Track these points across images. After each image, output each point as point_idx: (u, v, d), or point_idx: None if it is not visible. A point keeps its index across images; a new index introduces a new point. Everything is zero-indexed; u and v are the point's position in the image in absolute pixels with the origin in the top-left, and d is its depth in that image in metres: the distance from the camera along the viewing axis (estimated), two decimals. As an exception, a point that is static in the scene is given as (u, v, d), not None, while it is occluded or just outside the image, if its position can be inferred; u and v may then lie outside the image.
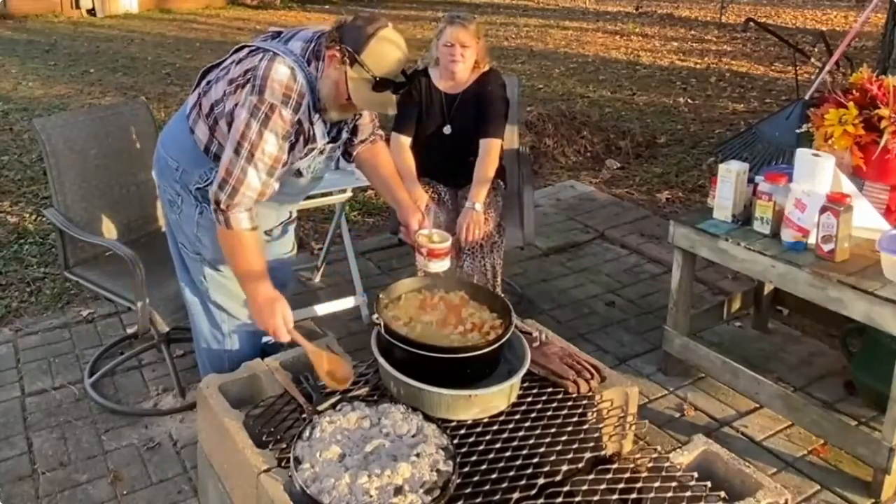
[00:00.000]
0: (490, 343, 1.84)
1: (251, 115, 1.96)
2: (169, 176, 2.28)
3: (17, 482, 2.42)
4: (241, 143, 1.98)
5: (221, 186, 2.01)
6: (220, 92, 2.10)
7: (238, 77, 2.05)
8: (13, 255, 3.93)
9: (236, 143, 1.99)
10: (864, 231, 2.42)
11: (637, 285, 3.66)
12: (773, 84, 7.77)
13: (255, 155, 1.98)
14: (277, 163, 2.02)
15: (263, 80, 1.96)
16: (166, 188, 2.31)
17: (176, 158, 2.25)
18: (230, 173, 2.00)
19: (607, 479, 1.66)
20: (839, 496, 2.36)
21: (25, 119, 6.22)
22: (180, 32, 11.03)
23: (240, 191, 2.00)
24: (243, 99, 1.99)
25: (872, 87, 2.55)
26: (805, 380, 2.89)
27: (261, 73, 1.97)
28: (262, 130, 1.96)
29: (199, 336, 2.46)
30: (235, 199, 2.01)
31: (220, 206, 2.03)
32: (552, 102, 6.72)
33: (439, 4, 13.33)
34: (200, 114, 2.16)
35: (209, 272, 2.33)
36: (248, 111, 1.96)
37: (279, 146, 2.00)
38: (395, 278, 3.03)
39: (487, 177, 2.97)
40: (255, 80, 1.97)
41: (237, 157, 1.99)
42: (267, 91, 1.95)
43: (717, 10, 12.39)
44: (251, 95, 1.97)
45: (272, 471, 1.68)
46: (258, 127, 1.96)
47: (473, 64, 3.03)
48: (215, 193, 2.03)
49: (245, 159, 1.98)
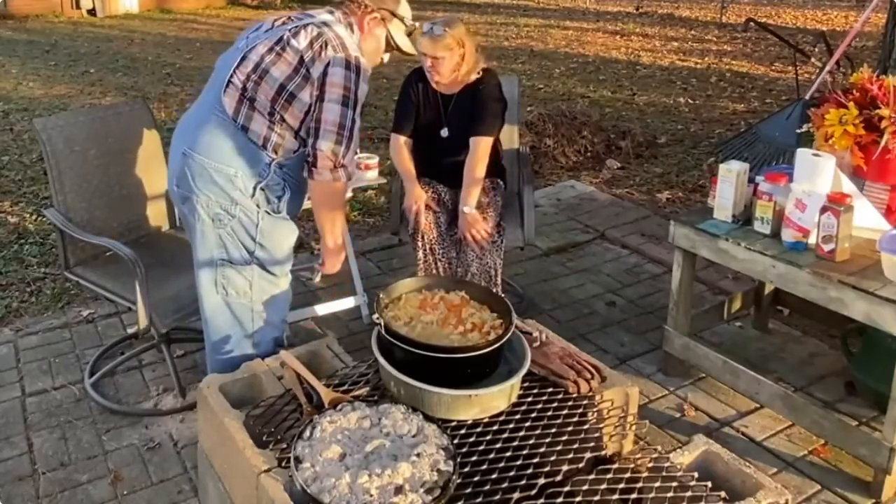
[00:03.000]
0: (490, 343, 1.84)
1: (346, 68, 2.12)
2: (222, 185, 2.21)
3: (18, 482, 2.42)
4: (347, 96, 2.12)
5: (338, 141, 2.12)
6: (285, 74, 2.15)
7: (306, 50, 2.14)
8: (13, 255, 3.93)
9: (341, 97, 2.11)
10: (865, 231, 2.42)
11: (637, 285, 3.66)
12: (774, 84, 7.77)
13: (359, 105, 2.14)
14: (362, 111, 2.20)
15: (338, 38, 2.15)
16: (213, 201, 2.23)
17: (230, 164, 2.20)
18: (343, 125, 2.12)
19: (608, 480, 1.66)
20: (839, 496, 2.36)
21: (26, 119, 6.22)
22: (180, 32, 11.03)
23: (354, 139, 2.15)
24: (332, 58, 2.12)
25: (873, 87, 2.55)
26: (805, 380, 2.89)
27: (332, 35, 2.16)
28: (359, 81, 2.14)
29: (222, 344, 2.39)
30: (352, 148, 2.15)
31: (339, 161, 2.14)
32: (552, 102, 6.71)
33: (439, 4, 13.32)
34: (255, 108, 2.17)
35: (258, 279, 2.33)
36: (342, 67, 2.12)
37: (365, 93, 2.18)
38: (395, 278, 3.03)
39: (477, 177, 2.96)
40: (331, 42, 2.14)
41: (346, 109, 2.12)
42: (350, 49, 2.14)
43: (717, 10, 12.39)
44: (338, 53, 2.13)
45: (272, 471, 1.68)
46: (355, 78, 2.12)
47: (461, 68, 2.96)
48: (332, 150, 2.12)
49: (353, 109, 2.13)
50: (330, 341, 2.26)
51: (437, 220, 2.98)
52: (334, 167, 2.14)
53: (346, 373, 2.03)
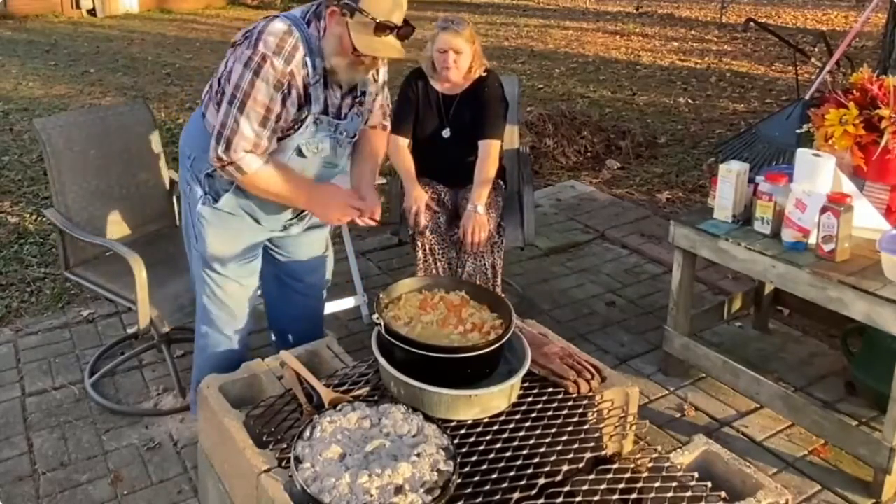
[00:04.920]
0: (490, 343, 1.84)
1: (245, 65, 2.01)
2: (183, 166, 2.30)
3: (18, 482, 2.42)
4: (235, 94, 2.02)
5: (217, 140, 2.05)
6: (220, 70, 2.14)
7: (238, 39, 2.10)
8: (13, 256, 3.93)
9: (230, 94, 2.03)
10: (865, 231, 2.41)
11: (637, 285, 3.66)
12: (774, 84, 7.77)
13: (247, 104, 2.01)
14: (270, 113, 2.03)
15: (259, 34, 2.02)
16: (181, 180, 2.35)
17: (189, 146, 2.28)
18: (224, 125, 2.03)
19: (608, 480, 1.66)
20: (839, 496, 2.36)
21: (26, 119, 6.22)
22: (180, 32, 11.03)
23: (234, 141, 2.03)
24: (240, 54, 2.04)
25: (873, 87, 2.55)
26: (805, 380, 2.89)
27: (257, 30, 2.04)
28: (254, 79, 2.00)
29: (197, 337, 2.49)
30: (231, 150, 2.03)
31: (221, 160, 2.06)
32: (552, 102, 6.71)
33: (439, 4, 13.32)
34: (211, 96, 2.18)
35: (205, 271, 2.33)
36: (242, 63, 2.02)
37: (270, 95, 2.01)
38: (395, 278, 3.04)
39: (488, 178, 2.97)
40: (251, 37, 2.04)
41: (230, 108, 2.03)
42: (261, 44, 2.00)
43: (717, 10, 12.39)
44: (246, 50, 2.02)
45: (272, 471, 1.68)
46: (250, 76, 2.00)
47: (469, 66, 3.02)
48: (213, 150, 2.06)
49: (237, 108, 2.02)
50: (330, 341, 2.26)
51: (437, 221, 2.98)
52: (222, 167, 2.08)
53: (346, 373, 2.03)
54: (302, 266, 2.53)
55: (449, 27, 2.96)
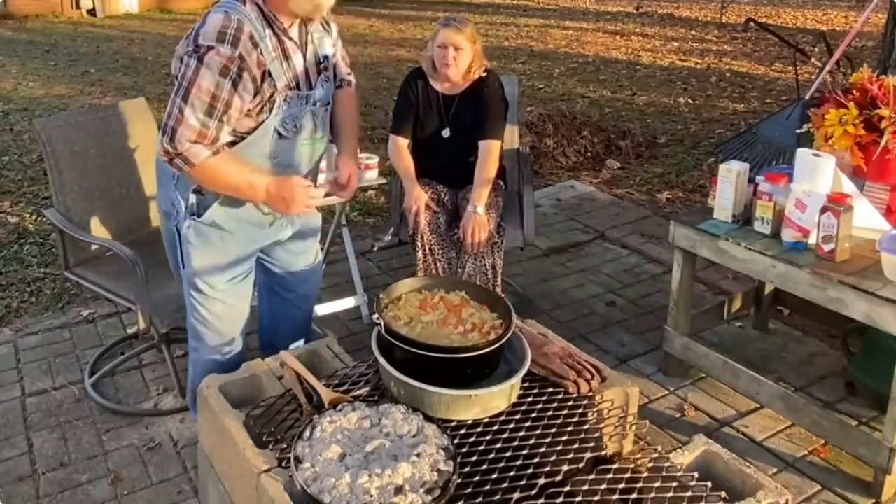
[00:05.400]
0: (490, 343, 1.84)
1: (189, 56, 1.96)
2: (166, 186, 2.24)
3: (18, 482, 2.42)
4: (181, 84, 1.96)
5: (163, 131, 1.99)
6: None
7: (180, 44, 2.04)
8: (13, 256, 3.93)
9: (177, 86, 1.98)
10: (865, 231, 2.41)
11: (637, 285, 3.66)
12: (774, 84, 7.77)
13: (192, 92, 1.95)
14: (216, 101, 1.96)
15: (197, 30, 1.98)
16: (164, 201, 2.28)
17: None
18: (170, 115, 1.98)
19: (608, 480, 1.66)
20: (840, 496, 2.36)
21: (26, 119, 6.22)
22: (180, 32, 10.92)
23: (178, 130, 1.96)
24: (181, 51, 1.99)
25: (873, 87, 2.55)
26: (805, 380, 2.89)
27: (195, 28, 1.99)
28: (199, 67, 1.94)
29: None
30: (176, 140, 1.96)
31: (168, 153, 1.99)
32: (552, 102, 6.72)
33: (439, 4, 13.33)
34: None
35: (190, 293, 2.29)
36: (186, 55, 1.97)
37: (216, 82, 1.95)
38: (395, 278, 3.04)
39: (488, 179, 2.97)
40: (190, 35, 1.99)
41: (175, 98, 1.97)
42: (200, 37, 1.96)
43: (717, 10, 12.39)
44: (188, 46, 1.98)
45: (272, 471, 1.67)
46: (195, 64, 1.94)
47: (469, 66, 3.02)
48: (159, 142, 2.00)
49: (181, 98, 1.96)
50: (330, 341, 2.26)
51: (437, 221, 2.98)
52: (170, 160, 2.01)
53: (346, 373, 2.03)
54: (294, 277, 2.49)
55: (451, 24, 2.97)
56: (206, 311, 2.29)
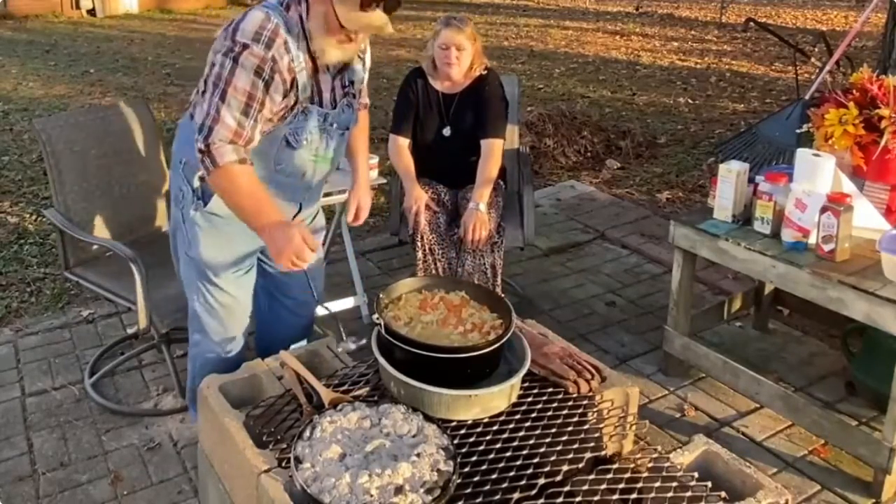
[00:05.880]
0: (490, 343, 1.84)
1: (224, 55, 1.96)
2: (176, 171, 2.27)
3: (18, 482, 2.42)
4: (217, 84, 1.97)
5: (200, 130, 1.99)
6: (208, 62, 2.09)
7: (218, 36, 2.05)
8: (13, 256, 3.93)
9: (212, 85, 1.98)
10: (865, 231, 2.42)
11: (637, 285, 3.66)
12: (774, 84, 7.77)
13: (228, 92, 1.96)
14: (252, 100, 1.97)
15: (236, 24, 1.98)
16: (173, 186, 2.31)
17: (181, 151, 2.23)
18: (207, 114, 1.98)
19: (608, 480, 1.66)
20: (839, 496, 2.36)
21: (26, 119, 6.22)
22: (180, 32, 11.03)
23: (214, 129, 1.97)
24: (218, 46, 2.00)
25: (872, 87, 2.55)
26: (805, 380, 2.89)
27: (235, 22, 1.99)
28: (234, 67, 1.95)
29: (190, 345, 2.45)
30: (211, 138, 1.97)
31: (201, 151, 1.99)
32: (552, 102, 6.72)
33: (439, 4, 13.32)
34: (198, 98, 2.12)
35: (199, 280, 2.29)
36: (221, 53, 1.97)
37: (251, 82, 1.96)
38: (395, 278, 3.03)
39: (491, 177, 2.97)
40: (228, 28, 1.99)
41: (212, 97, 1.98)
42: (238, 33, 1.96)
43: (717, 10, 12.39)
44: (225, 41, 1.98)
45: (272, 471, 1.67)
46: (230, 64, 1.95)
47: (470, 64, 3.03)
48: (195, 141, 2.01)
49: (218, 97, 1.97)
50: (330, 341, 2.26)
51: (437, 221, 2.98)
52: (202, 157, 2.00)
53: (346, 373, 2.03)
54: (293, 280, 2.44)
55: (452, 24, 2.97)
56: (212, 299, 2.30)
